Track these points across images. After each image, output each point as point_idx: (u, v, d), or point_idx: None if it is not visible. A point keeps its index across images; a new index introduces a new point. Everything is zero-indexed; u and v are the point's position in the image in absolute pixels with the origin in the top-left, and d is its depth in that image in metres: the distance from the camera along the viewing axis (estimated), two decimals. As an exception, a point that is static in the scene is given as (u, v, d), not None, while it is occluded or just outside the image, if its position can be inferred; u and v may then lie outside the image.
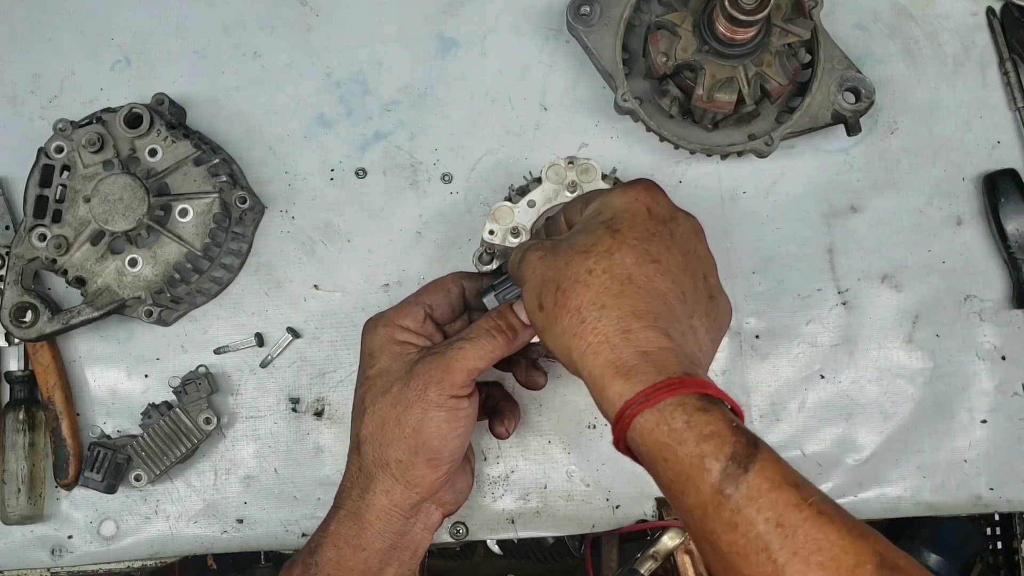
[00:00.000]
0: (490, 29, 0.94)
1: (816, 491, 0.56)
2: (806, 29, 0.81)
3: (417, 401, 0.71)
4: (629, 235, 0.63)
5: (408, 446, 0.71)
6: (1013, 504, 0.89)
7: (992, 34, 0.92)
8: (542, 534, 0.91)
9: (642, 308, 0.61)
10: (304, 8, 0.95)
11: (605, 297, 0.61)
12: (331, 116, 0.94)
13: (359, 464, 0.74)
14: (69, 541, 0.90)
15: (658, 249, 0.63)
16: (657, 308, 0.61)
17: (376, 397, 0.73)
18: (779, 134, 0.85)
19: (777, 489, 0.54)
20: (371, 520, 0.72)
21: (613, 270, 0.62)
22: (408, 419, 0.71)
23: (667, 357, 0.59)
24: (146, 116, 0.86)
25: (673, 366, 0.58)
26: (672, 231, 0.65)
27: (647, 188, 0.67)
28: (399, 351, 0.74)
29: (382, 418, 0.72)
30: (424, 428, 0.71)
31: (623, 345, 0.59)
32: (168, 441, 0.87)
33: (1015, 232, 0.88)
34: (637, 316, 0.60)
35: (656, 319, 0.60)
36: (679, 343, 0.61)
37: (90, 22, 0.95)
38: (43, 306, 0.87)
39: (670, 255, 0.64)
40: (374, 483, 0.72)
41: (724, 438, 0.56)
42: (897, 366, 0.90)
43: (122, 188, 0.83)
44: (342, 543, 0.72)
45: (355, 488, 0.73)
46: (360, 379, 0.76)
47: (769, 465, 0.55)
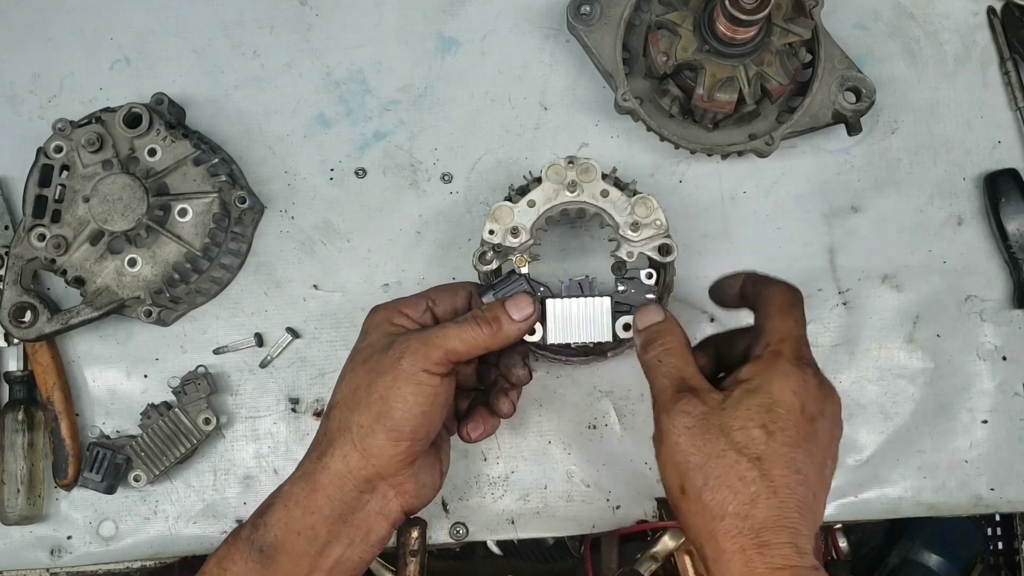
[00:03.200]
0: (490, 29, 0.94)
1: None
2: (807, 29, 0.81)
3: (390, 369, 0.71)
4: (781, 438, 0.64)
5: (373, 412, 0.71)
6: (1014, 504, 0.89)
7: (993, 34, 0.92)
8: (542, 534, 0.91)
9: (781, 523, 0.62)
10: (304, 8, 0.95)
11: (750, 508, 0.62)
12: (331, 116, 0.93)
13: (325, 428, 0.74)
14: (68, 541, 0.90)
15: (803, 458, 0.64)
16: (794, 522, 0.62)
17: (356, 366, 0.73)
18: (780, 134, 0.85)
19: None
20: (323, 483, 0.71)
21: (763, 480, 0.62)
22: (378, 385, 0.71)
23: (806, 573, 0.61)
24: (145, 116, 0.85)
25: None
26: (817, 431, 0.66)
27: (804, 378, 0.66)
28: (390, 330, 0.74)
29: (355, 384, 0.72)
30: (390, 396, 0.70)
31: (757, 559, 0.61)
32: (167, 441, 0.87)
33: (1016, 232, 0.88)
34: (775, 530, 0.61)
35: (792, 535, 0.62)
36: (805, 548, 0.62)
37: (89, 22, 0.95)
38: (42, 306, 0.87)
39: (812, 463, 0.65)
40: (334, 446, 0.72)
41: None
42: (898, 366, 0.90)
43: (121, 188, 0.83)
44: (292, 503, 0.72)
45: (315, 451, 0.73)
46: (350, 353, 0.76)
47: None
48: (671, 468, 0.65)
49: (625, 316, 0.77)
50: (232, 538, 0.72)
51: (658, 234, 0.79)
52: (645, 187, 0.88)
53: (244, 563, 0.70)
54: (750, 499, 0.62)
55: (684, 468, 0.64)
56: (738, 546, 0.61)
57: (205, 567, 0.72)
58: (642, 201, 0.79)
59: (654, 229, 0.79)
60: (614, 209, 0.79)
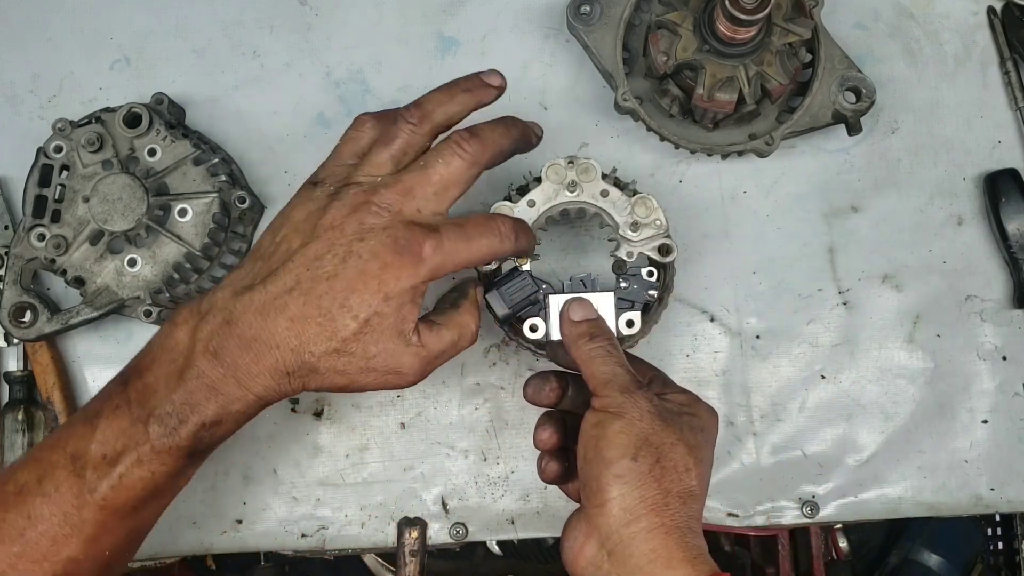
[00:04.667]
0: (490, 29, 0.94)
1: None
2: (807, 28, 0.81)
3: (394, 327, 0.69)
4: (707, 456, 0.71)
5: (331, 363, 0.68)
6: (1014, 504, 0.89)
7: (993, 33, 0.92)
8: (542, 534, 0.91)
9: (699, 518, 0.68)
10: (304, 8, 0.95)
11: (687, 497, 0.67)
12: (331, 116, 0.93)
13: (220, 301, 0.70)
14: (68, 541, 0.90)
15: (708, 477, 0.71)
16: (701, 523, 0.69)
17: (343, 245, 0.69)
18: (780, 134, 0.85)
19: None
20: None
21: (700, 480, 0.68)
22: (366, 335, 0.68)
23: (711, 562, 0.66)
24: (145, 116, 0.85)
25: (716, 570, 0.65)
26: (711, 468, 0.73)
27: (716, 415, 0.74)
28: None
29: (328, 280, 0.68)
30: (375, 356, 0.69)
31: (691, 536, 0.66)
32: (167, 441, 0.87)
33: (1016, 232, 0.88)
34: (698, 520, 0.68)
35: (701, 530, 0.68)
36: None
37: (89, 22, 0.95)
38: (42, 306, 0.87)
39: (707, 482, 0.72)
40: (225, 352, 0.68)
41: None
42: (898, 366, 0.90)
43: (121, 188, 0.83)
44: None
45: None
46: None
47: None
48: (626, 438, 0.66)
49: (628, 312, 0.77)
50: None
51: (658, 234, 0.79)
52: (645, 187, 0.88)
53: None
54: (688, 491, 0.67)
55: (641, 441, 0.66)
56: (676, 523, 0.65)
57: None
58: (642, 201, 0.79)
59: (654, 229, 0.79)
60: (614, 209, 0.79)
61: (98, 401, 0.70)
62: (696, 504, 0.67)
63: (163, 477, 0.68)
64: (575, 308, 0.75)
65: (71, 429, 0.69)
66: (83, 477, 0.67)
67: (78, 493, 0.67)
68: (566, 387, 0.77)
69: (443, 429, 0.90)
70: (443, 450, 0.90)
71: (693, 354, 0.90)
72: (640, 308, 0.79)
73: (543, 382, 0.77)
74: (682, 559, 0.64)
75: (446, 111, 0.73)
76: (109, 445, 0.67)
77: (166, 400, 0.67)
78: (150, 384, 0.68)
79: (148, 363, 0.69)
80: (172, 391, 0.67)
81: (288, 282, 0.67)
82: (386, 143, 0.71)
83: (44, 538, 0.67)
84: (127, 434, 0.67)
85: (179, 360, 0.68)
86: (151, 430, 0.66)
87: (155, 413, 0.67)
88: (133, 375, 0.69)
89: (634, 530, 0.65)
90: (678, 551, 0.64)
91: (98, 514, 0.67)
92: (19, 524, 0.67)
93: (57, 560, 0.67)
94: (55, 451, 0.68)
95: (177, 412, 0.67)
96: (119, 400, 0.68)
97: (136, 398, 0.68)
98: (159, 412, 0.67)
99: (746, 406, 0.89)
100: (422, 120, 0.72)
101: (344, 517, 0.90)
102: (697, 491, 0.68)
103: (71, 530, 0.67)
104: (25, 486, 0.68)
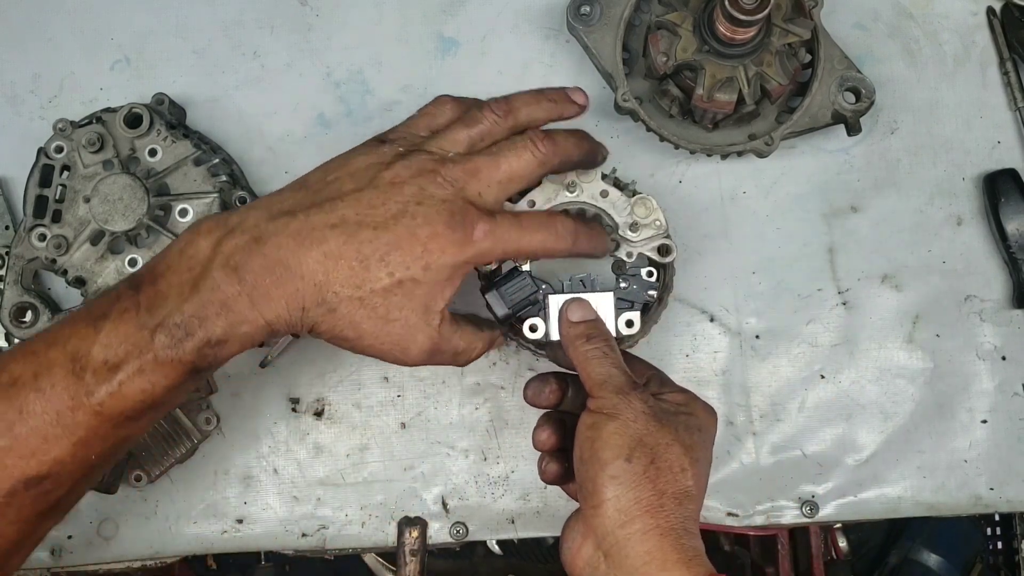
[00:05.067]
0: (490, 29, 0.94)
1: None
2: (806, 29, 0.81)
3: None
4: (705, 456, 0.71)
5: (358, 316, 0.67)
6: (1013, 504, 0.89)
7: (992, 34, 0.92)
8: (542, 534, 0.91)
9: (695, 518, 0.68)
10: (304, 8, 0.95)
11: (683, 498, 0.67)
12: (331, 116, 0.94)
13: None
14: (69, 541, 0.90)
15: (706, 475, 0.71)
16: (697, 523, 0.69)
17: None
18: (779, 134, 0.85)
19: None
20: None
21: (697, 480, 0.68)
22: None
23: (708, 564, 0.66)
24: (146, 116, 0.86)
25: (712, 572, 0.65)
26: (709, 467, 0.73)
27: (715, 418, 0.74)
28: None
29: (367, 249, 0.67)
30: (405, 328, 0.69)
31: (686, 538, 0.66)
32: (168, 441, 0.87)
33: (1015, 232, 0.88)
34: (695, 520, 0.68)
35: (698, 531, 0.68)
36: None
37: (90, 22, 0.95)
38: (43, 306, 0.87)
39: (706, 481, 0.72)
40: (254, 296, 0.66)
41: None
42: (897, 366, 0.90)
43: (122, 188, 0.83)
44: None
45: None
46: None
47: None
48: (620, 439, 0.67)
49: (628, 313, 0.78)
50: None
51: (657, 235, 0.79)
52: (645, 187, 0.88)
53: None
54: (684, 491, 0.67)
55: (635, 442, 0.66)
56: (671, 525, 0.65)
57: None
58: (641, 202, 0.79)
59: (653, 230, 0.79)
60: (613, 209, 0.79)
61: (106, 303, 0.67)
62: (692, 504, 0.68)
63: (162, 390, 0.65)
64: (573, 309, 0.75)
65: (73, 328, 0.66)
66: (82, 379, 0.64)
67: (74, 395, 0.64)
68: (566, 388, 0.78)
69: (443, 429, 0.91)
70: (443, 450, 0.90)
71: (693, 354, 0.90)
72: (639, 308, 0.79)
73: (542, 384, 0.77)
74: (677, 561, 0.64)
75: (530, 113, 0.74)
76: (112, 350, 0.64)
77: (176, 310, 0.64)
78: (162, 291, 0.65)
79: (163, 269, 0.66)
80: (184, 301, 0.64)
81: (332, 218, 0.66)
82: (467, 124, 0.72)
83: (34, 435, 0.65)
84: (131, 340, 0.64)
85: (196, 269, 0.65)
86: (157, 340, 0.64)
87: (163, 323, 0.64)
88: (146, 280, 0.66)
89: (629, 531, 0.65)
90: (673, 553, 0.64)
91: (92, 419, 0.65)
92: (9, 417, 0.65)
93: (44, 459, 0.65)
94: (53, 347, 0.66)
95: (185, 324, 0.64)
96: (128, 303, 0.66)
97: (146, 304, 0.65)
98: (167, 322, 0.64)
99: (745, 406, 0.89)
100: (507, 114, 0.73)
101: (344, 517, 0.90)
102: (693, 491, 0.68)
103: (63, 431, 0.65)
104: (19, 379, 0.65)
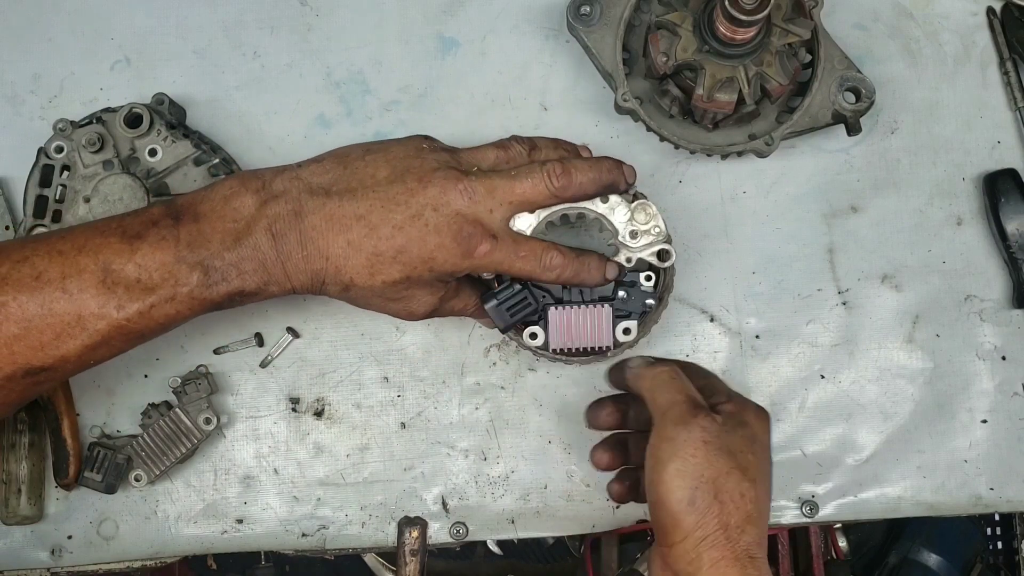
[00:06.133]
0: (490, 29, 0.94)
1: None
2: (806, 29, 0.81)
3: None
4: (763, 468, 0.71)
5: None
6: (1013, 504, 0.89)
7: (992, 34, 0.92)
8: (542, 534, 0.91)
9: (763, 539, 0.69)
10: (304, 8, 0.95)
11: (747, 524, 0.67)
12: (331, 116, 0.94)
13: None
14: (69, 541, 0.90)
15: (769, 487, 0.71)
16: (765, 539, 0.69)
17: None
18: (779, 134, 0.85)
19: None
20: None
21: (757, 501, 0.68)
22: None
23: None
24: (146, 116, 0.86)
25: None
26: (771, 469, 0.72)
27: (769, 419, 0.74)
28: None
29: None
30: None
31: (751, 568, 0.66)
32: (168, 441, 0.87)
33: (1015, 232, 0.88)
34: (760, 546, 0.68)
35: (765, 548, 0.69)
36: None
37: (90, 22, 0.95)
38: (43, 306, 0.87)
39: (771, 493, 0.72)
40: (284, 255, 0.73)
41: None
42: (897, 366, 0.90)
43: (122, 188, 0.83)
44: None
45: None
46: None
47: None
48: (683, 480, 0.67)
49: (626, 321, 0.78)
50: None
51: (657, 240, 0.79)
52: (645, 188, 0.88)
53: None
54: (746, 517, 0.67)
55: (697, 481, 0.67)
56: (735, 555, 0.66)
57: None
58: (641, 208, 0.79)
59: (653, 236, 0.79)
60: (613, 215, 0.79)
61: (139, 223, 0.72)
62: (755, 528, 0.68)
63: (181, 319, 0.72)
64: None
65: (104, 239, 0.70)
66: (114, 292, 0.69)
67: (102, 304, 0.69)
68: (625, 410, 0.80)
69: (443, 429, 0.91)
70: (443, 450, 0.90)
71: (693, 354, 0.90)
72: (637, 317, 0.79)
73: (599, 409, 0.81)
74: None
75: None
76: (147, 273, 0.69)
77: (218, 256, 0.70)
78: (205, 233, 0.70)
79: (206, 211, 0.71)
80: (227, 249, 0.70)
81: (361, 209, 0.72)
82: (498, 147, 0.78)
83: (49, 330, 0.69)
84: (168, 269, 0.69)
85: (240, 224, 0.71)
86: (194, 277, 0.70)
87: (203, 263, 0.70)
88: (187, 214, 0.71)
89: (698, 567, 0.66)
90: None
91: (113, 331, 0.70)
92: (29, 309, 0.68)
93: (52, 354, 0.69)
94: (83, 253, 0.70)
95: (224, 270, 0.70)
96: (166, 232, 0.70)
97: (186, 239, 0.70)
98: (208, 264, 0.70)
99: (746, 406, 0.89)
100: (536, 150, 0.79)
101: (345, 517, 0.90)
102: (754, 513, 0.68)
103: (79, 333, 0.69)
104: (44, 274, 0.69)
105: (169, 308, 0.70)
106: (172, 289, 0.70)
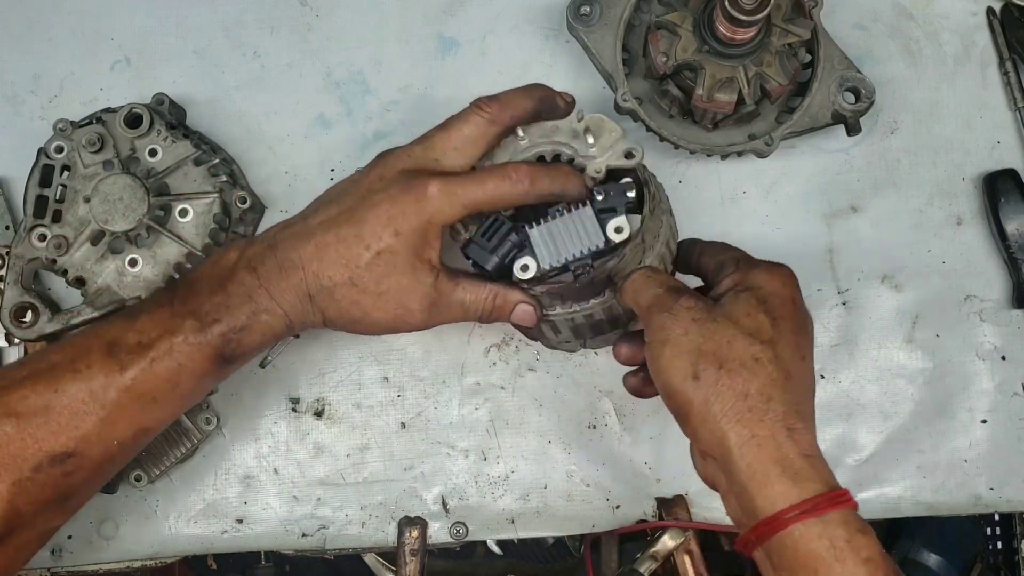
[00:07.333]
0: (490, 29, 0.94)
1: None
2: (806, 29, 0.81)
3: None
4: (785, 326, 0.65)
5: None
6: (1013, 504, 0.89)
7: (992, 34, 0.92)
8: (542, 534, 0.91)
9: (802, 407, 0.62)
10: (304, 8, 0.95)
11: (771, 389, 0.61)
12: (331, 116, 0.94)
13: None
14: (69, 541, 0.90)
15: (806, 345, 0.66)
16: (810, 408, 0.63)
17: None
18: (779, 134, 0.85)
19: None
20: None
21: (779, 361, 0.62)
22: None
23: (825, 465, 0.60)
24: (146, 116, 0.86)
25: (832, 478, 0.60)
26: (807, 325, 0.67)
27: (791, 273, 0.69)
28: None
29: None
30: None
31: (788, 444, 0.60)
32: (168, 441, 0.87)
33: (1015, 232, 0.88)
34: (799, 415, 0.61)
35: (811, 419, 0.62)
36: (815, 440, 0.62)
37: (90, 22, 0.95)
38: (43, 306, 0.87)
39: (811, 352, 0.66)
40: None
41: (878, 565, 0.59)
42: (897, 366, 0.90)
43: (122, 188, 0.83)
44: None
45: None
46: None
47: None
48: (680, 359, 0.63)
49: (615, 219, 0.74)
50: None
51: (618, 142, 0.77)
52: (645, 187, 0.88)
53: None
54: (769, 381, 0.61)
55: (696, 355, 0.63)
56: (768, 430, 0.60)
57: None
58: (592, 120, 0.77)
59: (611, 139, 0.77)
60: (578, 140, 0.77)
61: (142, 304, 0.79)
62: (785, 393, 0.61)
63: (188, 374, 0.73)
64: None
65: (110, 323, 0.75)
66: (116, 358, 0.72)
67: (108, 372, 0.72)
68: (640, 341, 0.74)
69: (443, 429, 0.91)
70: (443, 450, 0.90)
71: (693, 354, 0.90)
72: (624, 212, 0.75)
73: (620, 342, 0.77)
74: (779, 475, 0.59)
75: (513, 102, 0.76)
76: (145, 334, 0.73)
77: (207, 301, 0.73)
78: (195, 287, 0.75)
79: (196, 276, 0.77)
80: (213, 294, 0.74)
81: (322, 217, 0.75)
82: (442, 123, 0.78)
83: (66, 411, 0.71)
84: (164, 325, 0.73)
85: (224, 272, 0.75)
86: (187, 324, 0.73)
87: (194, 311, 0.73)
88: (181, 284, 0.77)
89: (726, 448, 0.61)
90: (774, 467, 0.59)
91: (122, 395, 0.72)
92: (46, 396, 0.71)
93: (73, 435, 0.71)
94: (90, 337, 0.74)
95: (213, 311, 0.73)
96: (163, 300, 0.75)
97: (180, 298, 0.74)
98: (198, 310, 0.73)
99: (746, 406, 0.89)
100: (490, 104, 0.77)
101: (345, 516, 0.90)
102: (778, 376, 0.61)
103: (93, 406, 0.71)
104: (57, 364, 0.73)
105: (170, 361, 0.72)
106: (169, 340, 0.72)
